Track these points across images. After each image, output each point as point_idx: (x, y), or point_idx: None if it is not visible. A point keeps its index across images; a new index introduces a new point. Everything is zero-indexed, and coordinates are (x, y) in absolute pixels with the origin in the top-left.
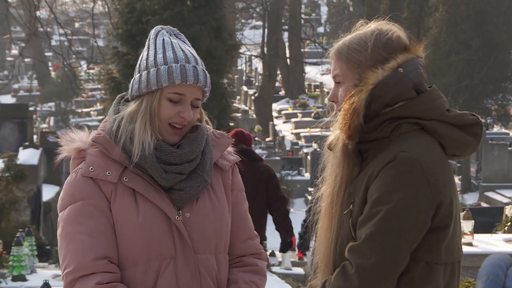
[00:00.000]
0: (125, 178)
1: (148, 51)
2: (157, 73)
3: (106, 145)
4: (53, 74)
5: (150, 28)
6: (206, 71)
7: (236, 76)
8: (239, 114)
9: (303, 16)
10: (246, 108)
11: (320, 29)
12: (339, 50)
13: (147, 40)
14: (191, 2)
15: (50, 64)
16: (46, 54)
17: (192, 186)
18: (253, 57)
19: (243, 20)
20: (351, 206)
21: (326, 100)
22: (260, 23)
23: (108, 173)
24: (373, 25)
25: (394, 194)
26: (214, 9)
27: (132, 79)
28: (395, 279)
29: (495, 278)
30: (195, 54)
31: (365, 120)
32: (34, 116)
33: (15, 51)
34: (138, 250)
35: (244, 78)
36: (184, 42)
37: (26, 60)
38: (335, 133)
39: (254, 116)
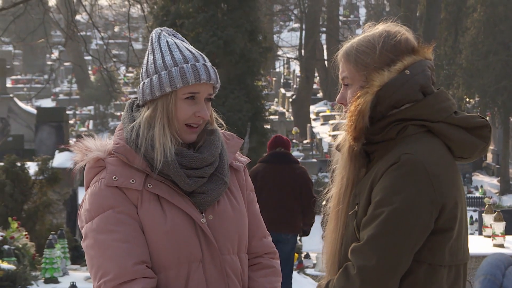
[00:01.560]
0: (149, 185)
1: (154, 55)
2: (169, 75)
3: (127, 154)
4: (92, 77)
5: (186, 31)
6: (213, 67)
7: (274, 79)
8: (276, 117)
9: (341, 18)
10: (284, 110)
11: (358, 31)
12: (347, 52)
13: (150, 43)
14: (225, 5)
15: (89, 68)
16: (86, 58)
17: (214, 188)
18: (291, 60)
19: (281, 23)
20: (356, 207)
21: None
22: (298, 25)
23: (132, 181)
24: (381, 27)
25: (397, 196)
26: (248, 12)
27: (141, 83)
28: (397, 281)
29: (492, 277)
30: (200, 52)
31: (371, 121)
32: (74, 119)
33: (54, 55)
34: (168, 255)
35: (282, 80)
36: (184, 41)
37: (66, 64)
38: (343, 135)
39: (292, 118)
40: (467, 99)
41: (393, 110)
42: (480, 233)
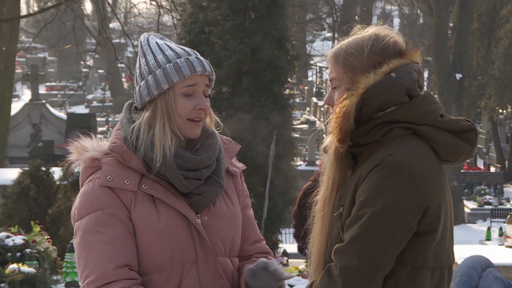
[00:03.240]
0: (144, 186)
1: (145, 57)
2: (164, 72)
3: (123, 154)
4: (125, 85)
5: (214, 38)
6: (207, 61)
7: (306, 88)
8: (306, 125)
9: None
10: (316, 119)
11: None
12: (336, 54)
13: (140, 47)
14: (253, 13)
15: (123, 75)
16: (120, 65)
17: (210, 190)
18: (323, 69)
19: (314, 32)
20: (341, 209)
21: None
22: (330, 34)
23: (127, 181)
24: (371, 30)
25: (379, 197)
26: (276, 20)
27: (137, 87)
28: (379, 282)
29: (468, 279)
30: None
31: (357, 124)
32: (106, 126)
33: (89, 63)
34: (162, 255)
35: (314, 89)
36: (172, 43)
37: (100, 71)
38: (330, 136)
39: (323, 127)
40: (500, 110)
41: (379, 112)
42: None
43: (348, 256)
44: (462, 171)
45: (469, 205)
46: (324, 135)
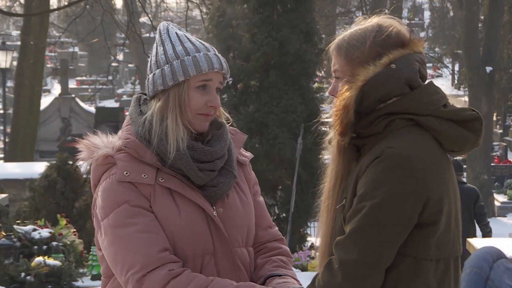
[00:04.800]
0: (161, 179)
1: (164, 46)
2: (182, 64)
3: (137, 149)
4: None
5: (241, 32)
6: (224, 59)
7: None
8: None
9: (405, 21)
10: None
11: (422, 34)
12: (339, 45)
13: (158, 35)
14: (280, 6)
15: None
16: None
17: (224, 182)
18: None
19: (345, 25)
20: (344, 201)
21: None
22: None
23: (144, 175)
24: (374, 20)
25: (379, 190)
26: (304, 13)
27: (151, 75)
28: (380, 275)
29: (478, 270)
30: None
31: (360, 116)
32: None
33: (119, 57)
34: (184, 248)
35: None
36: (191, 36)
37: (130, 65)
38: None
39: None
40: None
41: (380, 104)
42: None
43: (347, 249)
44: (492, 164)
45: (499, 199)
46: None
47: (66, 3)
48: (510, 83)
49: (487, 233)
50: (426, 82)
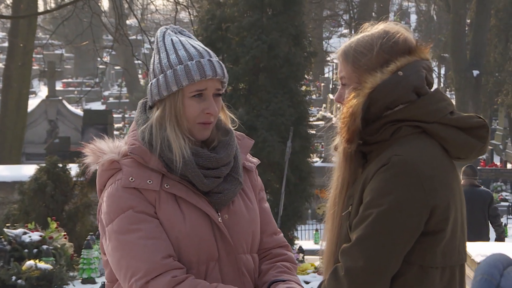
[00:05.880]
0: (166, 185)
1: (159, 54)
2: (174, 73)
3: (143, 155)
4: (142, 81)
5: (230, 35)
6: (220, 62)
7: (322, 84)
8: (322, 122)
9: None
10: (332, 115)
11: None
12: (346, 52)
13: (155, 43)
14: (270, 9)
15: (140, 71)
16: (136, 62)
17: (230, 188)
18: None
19: (331, 28)
20: (350, 208)
21: None
22: (347, 31)
23: (149, 181)
24: (381, 26)
25: (386, 197)
26: (293, 17)
27: (149, 84)
28: (386, 283)
29: (489, 277)
30: (206, 48)
31: (367, 122)
32: (122, 123)
33: (105, 59)
34: (189, 255)
35: (330, 86)
36: (191, 37)
37: (117, 67)
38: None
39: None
40: None
41: (387, 111)
42: None
43: (353, 256)
44: (478, 167)
45: None
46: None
47: (52, 5)
48: (497, 86)
49: (500, 232)
50: (433, 89)
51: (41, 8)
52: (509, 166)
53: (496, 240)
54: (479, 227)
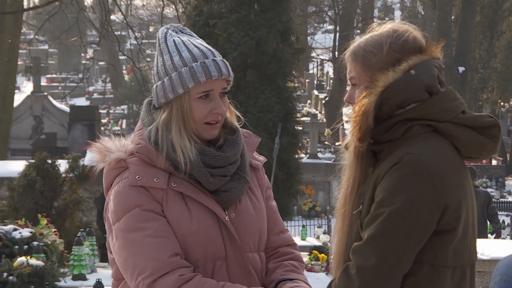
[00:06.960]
0: (173, 183)
1: (163, 56)
2: (180, 76)
3: (149, 154)
4: (126, 77)
5: (218, 31)
6: (224, 60)
7: (307, 80)
8: (308, 118)
9: (375, 20)
10: (317, 112)
11: None
12: (355, 52)
13: (157, 44)
14: (258, 6)
15: (124, 67)
16: (120, 57)
17: (237, 187)
18: (324, 61)
19: (315, 24)
20: (360, 207)
21: None
22: (332, 27)
23: (156, 180)
24: (389, 26)
25: (398, 196)
26: (281, 13)
27: (154, 86)
28: (397, 281)
29: (508, 278)
30: (209, 46)
31: (378, 121)
32: (107, 118)
33: (89, 55)
34: (196, 253)
35: (315, 82)
36: (192, 35)
37: (101, 63)
38: (350, 135)
39: (325, 120)
40: (501, 103)
41: (399, 110)
42: None
43: (365, 255)
44: None
45: None
46: (326, 128)
47: (36, 1)
48: (482, 83)
49: (498, 229)
50: (445, 88)
51: (26, 4)
52: (494, 162)
53: (494, 235)
54: (479, 225)
